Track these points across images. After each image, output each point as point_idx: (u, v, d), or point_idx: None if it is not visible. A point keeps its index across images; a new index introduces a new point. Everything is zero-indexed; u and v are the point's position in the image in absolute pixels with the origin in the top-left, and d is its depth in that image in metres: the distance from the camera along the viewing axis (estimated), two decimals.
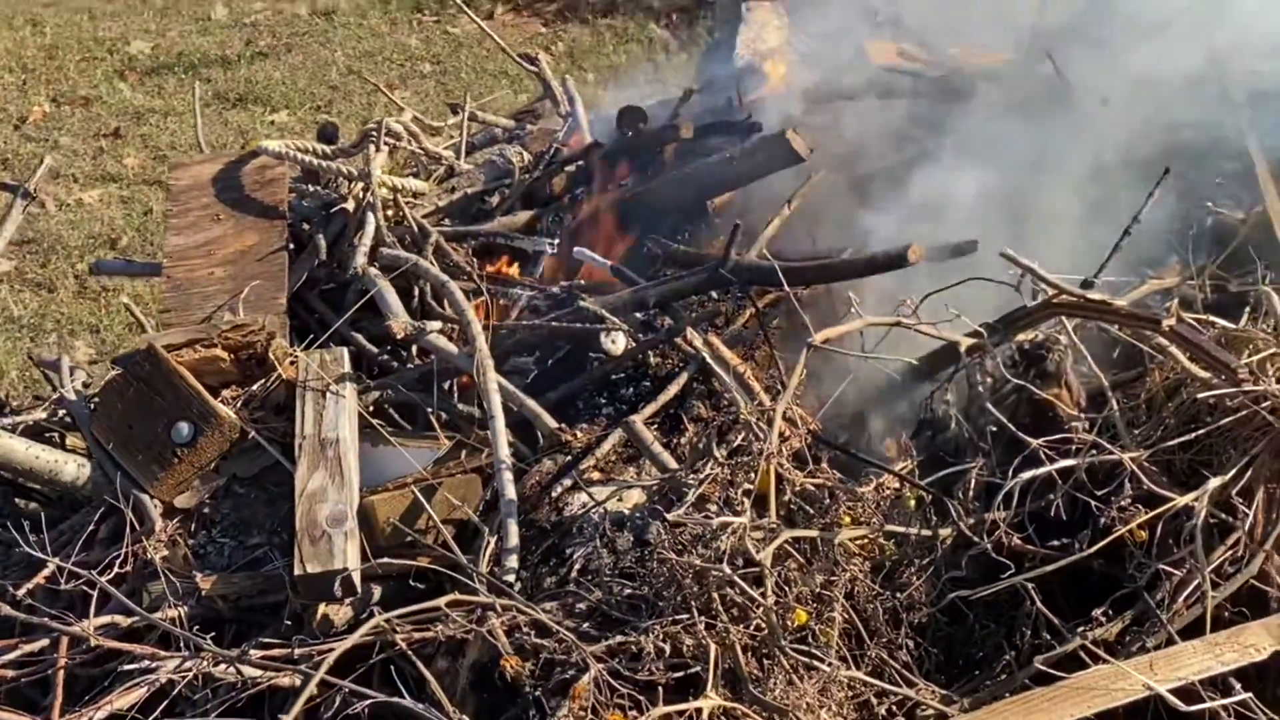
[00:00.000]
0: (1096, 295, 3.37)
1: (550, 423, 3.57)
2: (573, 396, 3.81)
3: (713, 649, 2.73)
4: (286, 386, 3.56)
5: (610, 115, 4.97)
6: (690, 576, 2.84)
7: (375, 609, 3.16)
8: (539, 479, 3.42)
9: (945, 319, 3.35)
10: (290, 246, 4.23)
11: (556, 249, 4.37)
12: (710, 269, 3.90)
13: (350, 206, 4.36)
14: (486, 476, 3.40)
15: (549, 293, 4.12)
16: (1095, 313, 3.35)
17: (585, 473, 3.39)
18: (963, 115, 4.67)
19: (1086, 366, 3.37)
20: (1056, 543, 3.04)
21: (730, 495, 3.10)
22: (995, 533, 3.01)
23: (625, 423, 3.47)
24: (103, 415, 3.52)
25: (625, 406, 3.68)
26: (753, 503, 3.01)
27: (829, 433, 3.45)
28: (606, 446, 3.46)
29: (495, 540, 3.18)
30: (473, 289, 4.06)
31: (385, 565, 3.24)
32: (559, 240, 4.40)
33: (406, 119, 4.87)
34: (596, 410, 3.72)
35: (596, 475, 3.40)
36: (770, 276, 3.75)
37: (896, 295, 3.47)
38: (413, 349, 4.02)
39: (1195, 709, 2.76)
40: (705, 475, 3.14)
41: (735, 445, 3.33)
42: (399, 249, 4.14)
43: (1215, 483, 3.00)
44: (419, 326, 3.77)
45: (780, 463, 3.12)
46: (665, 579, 2.88)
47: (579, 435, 3.52)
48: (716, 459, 3.18)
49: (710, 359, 3.59)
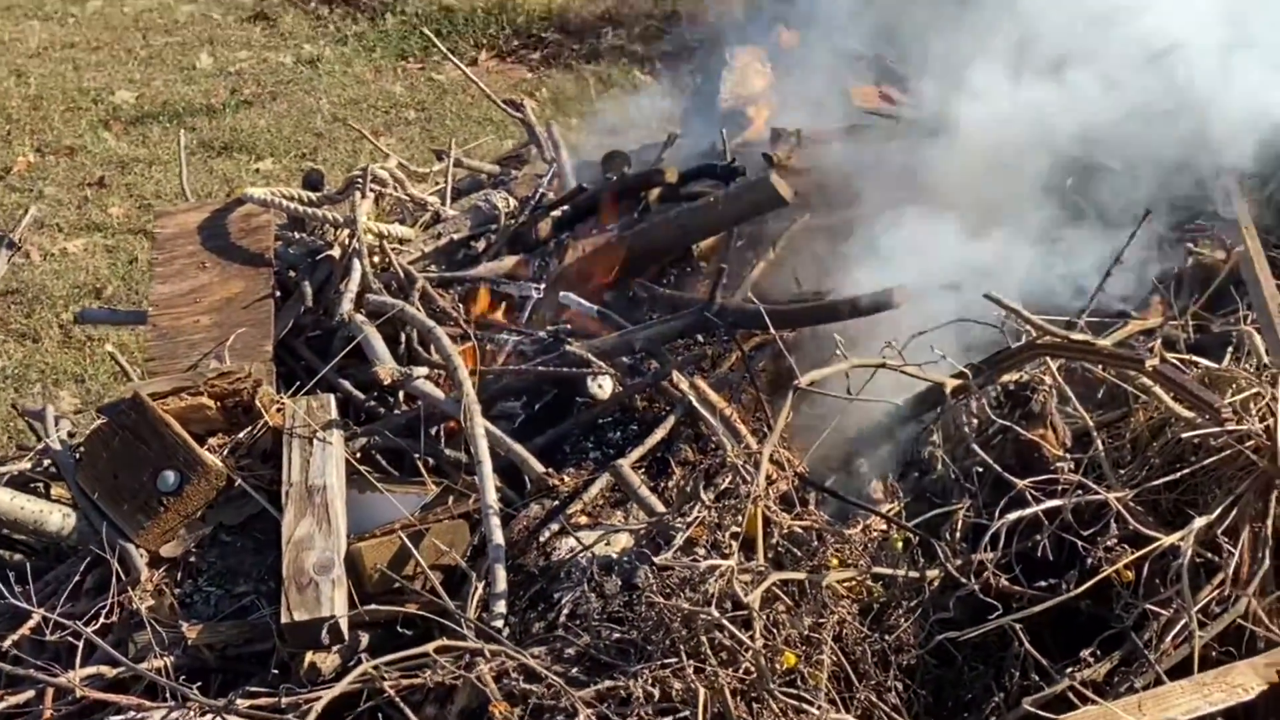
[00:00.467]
0: (1080, 336, 3.38)
1: (537, 467, 3.56)
2: (560, 441, 3.81)
3: (702, 693, 2.73)
4: (273, 434, 3.56)
5: (595, 160, 4.99)
6: (678, 620, 2.83)
7: (363, 656, 3.15)
8: (526, 524, 3.41)
9: (930, 360, 3.36)
10: (276, 293, 4.23)
11: (543, 293, 4.37)
12: (696, 312, 3.91)
13: (336, 253, 4.37)
14: (474, 522, 3.40)
15: (536, 337, 4.13)
16: (1079, 353, 3.36)
17: (573, 517, 3.38)
18: (945, 157, 4.68)
19: (1071, 407, 3.38)
20: (1044, 583, 3.04)
21: (718, 538, 3.09)
22: (983, 574, 3.01)
23: (612, 467, 3.47)
24: (88, 465, 3.51)
25: (612, 450, 3.68)
26: (740, 545, 3.01)
27: (816, 475, 3.45)
28: (594, 491, 3.45)
29: (483, 585, 3.17)
30: (459, 334, 4.06)
31: (373, 612, 3.23)
32: (545, 285, 4.40)
33: (392, 165, 4.89)
34: (584, 454, 3.72)
35: (584, 520, 3.40)
36: (756, 320, 3.76)
37: (883, 337, 3.48)
38: (400, 395, 4.02)
39: None
40: (692, 518, 3.13)
41: (722, 488, 3.32)
42: (385, 295, 4.15)
43: (1200, 522, 3.00)
44: (406, 372, 3.78)
45: (767, 505, 3.13)
46: (653, 623, 2.87)
47: (566, 480, 3.52)
48: (703, 502, 3.18)
49: (697, 402, 3.60)
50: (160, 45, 10.75)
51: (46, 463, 3.97)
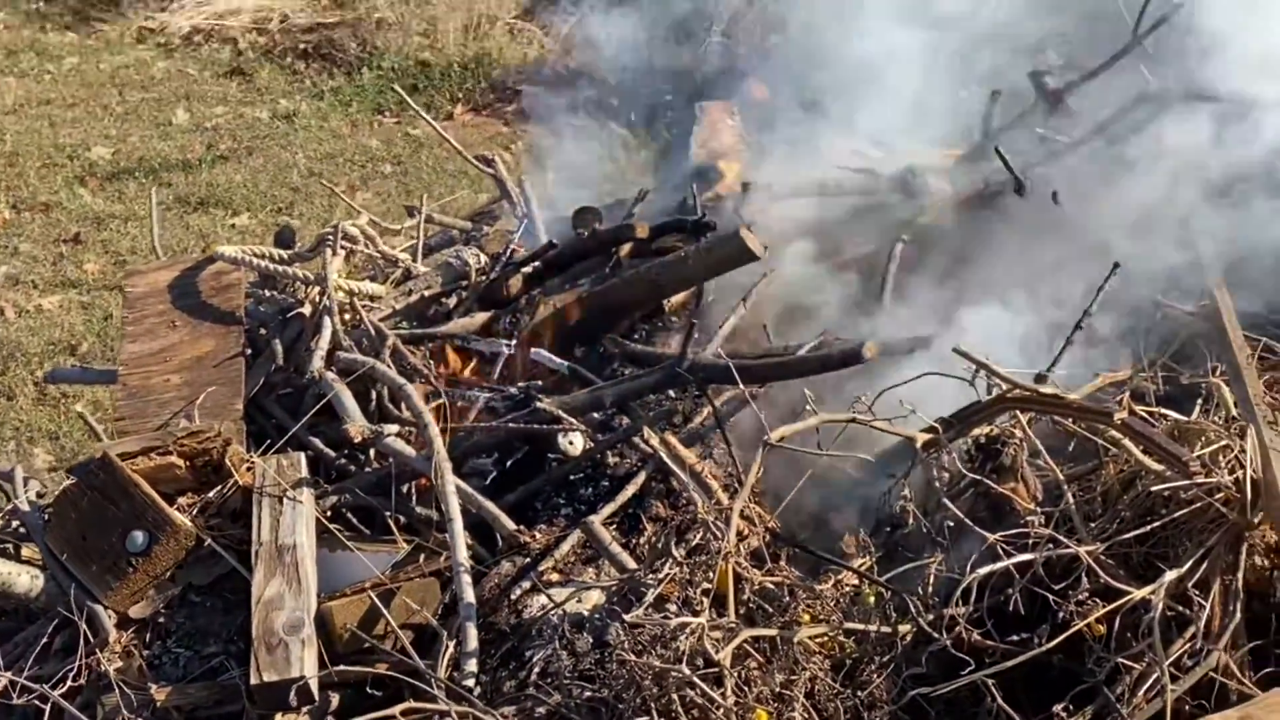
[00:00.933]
0: (1049, 389, 3.39)
1: (509, 525, 3.56)
2: (531, 497, 3.81)
3: None
4: (243, 493, 3.54)
5: (567, 215, 5.00)
6: (650, 678, 2.83)
7: (332, 717, 3.13)
8: (498, 581, 3.40)
9: (901, 415, 3.37)
10: (247, 351, 4.23)
11: (514, 350, 4.37)
12: (667, 368, 3.92)
13: (307, 310, 4.37)
14: (445, 580, 3.38)
15: (507, 394, 4.12)
16: (1048, 407, 3.37)
17: (544, 574, 3.38)
18: (916, 212, 4.72)
19: (1042, 460, 3.39)
20: (1016, 638, 3.04)
21: (689, 595, 3.09)
22: (955, 629, 3.01)
23: (584, 523, 3.46)
24: (57, 525, 3.48)
25: (584, 507, 3.68)
26: (712, 602, 3.01)
27: (787, 530, 3.45)
28: (565, 548, 3.45)
29: (454, 644, 3.16)
30: (430, 391, 4.05)
31: (343, 673, 3.20)
32: (516, 342, 4.40)
33: (363, 222, 4.89)
34: (555, 511, 3.71)
35: (555, 577, 3.39)
36: (726, 375, 3.76)
37: (853, 391, 3.49)
38: (371, 452, 4.01)
39: None
40: (664, 575, 3.13)
41: (694, 544, 3.32)
42: (356, 352, 4.15)
43: (1171, 575, 3.01)
44: (376, 430, 3.77)
45: (738, 561, 3.13)
46: (625, 681, 2.87)
47: (537, 537, 3.52)
48: (675, 558, 3.18)
49: (667, 458, 3.60)
50: (136, 101, 10.76)
51: (15, 524, 3.93)
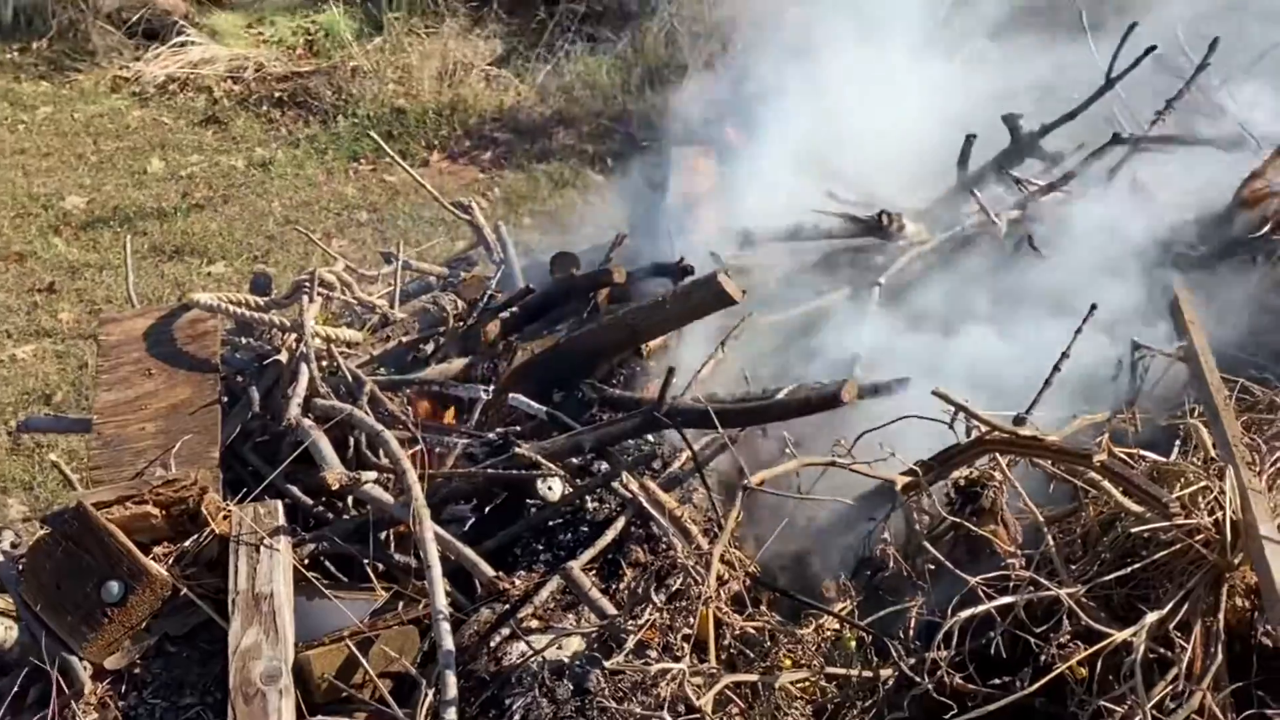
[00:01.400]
0: (1028, 431, 3.39)
1: (488, 571, 3.54)
2: (510, 544, 3.79)
3: None
4: (219, 541, 3.51)
5: (544, 261, 5.01)
6: None
7: None
8: (477, 629, 3.38)
9: (880, 457, 3.36)
10: (224, 399, 4.21)
11: (491, 395, 4.36)
12: (645, 413, 3.91)
13: (284, 357, 4.35)
14: (424, 627, 3.36)
15: (485, 440, 4.11)
16: (1027, 449, 3.37)
17: (524, 621, 3.35)
18: (892, 254, 4.74)
19: (1021, 502, 3.38)
20: (998, 681, 3.04)
21: (670, 640, 3.08)
22: (937, 672, 3.00)
23: (563, 569, 3.44)
24: (31, 576, 3.45)
25: (563, 553, 3.66)
26: (693, 647, 2.99)
27: (768, 574, 3.44)
28: (544, 594, 3.43)
29: (433, 693, 3.12)
30: (408, 438, 4.04)
31: None
32: (494, 387, 4.39)
33: (339, 268, 4.88)
34: (534, 557, 3.70)
35: (535, 623, 3.37)
36: (705, 419, 3.76)
37: (833, 433, 3.49)
38: (349, 500, 3.99)
39: None
40: (644, 621, 3.12)
41: (674, 589, 3.30)
42: (333, 399, 4.13)
43: (1152, 617, 3.00)
44: (354, 477, 3.75)
45: (719, 606, 3.11)
46: None
47: (517, 583, 3.50)
48: (655, 604, 3.16)
49: (647, 503, 3.59)
50: (111, 150, 10.74)
51: None
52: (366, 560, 3.69)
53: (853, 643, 3.21)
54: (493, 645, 3.31)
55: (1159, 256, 4.40)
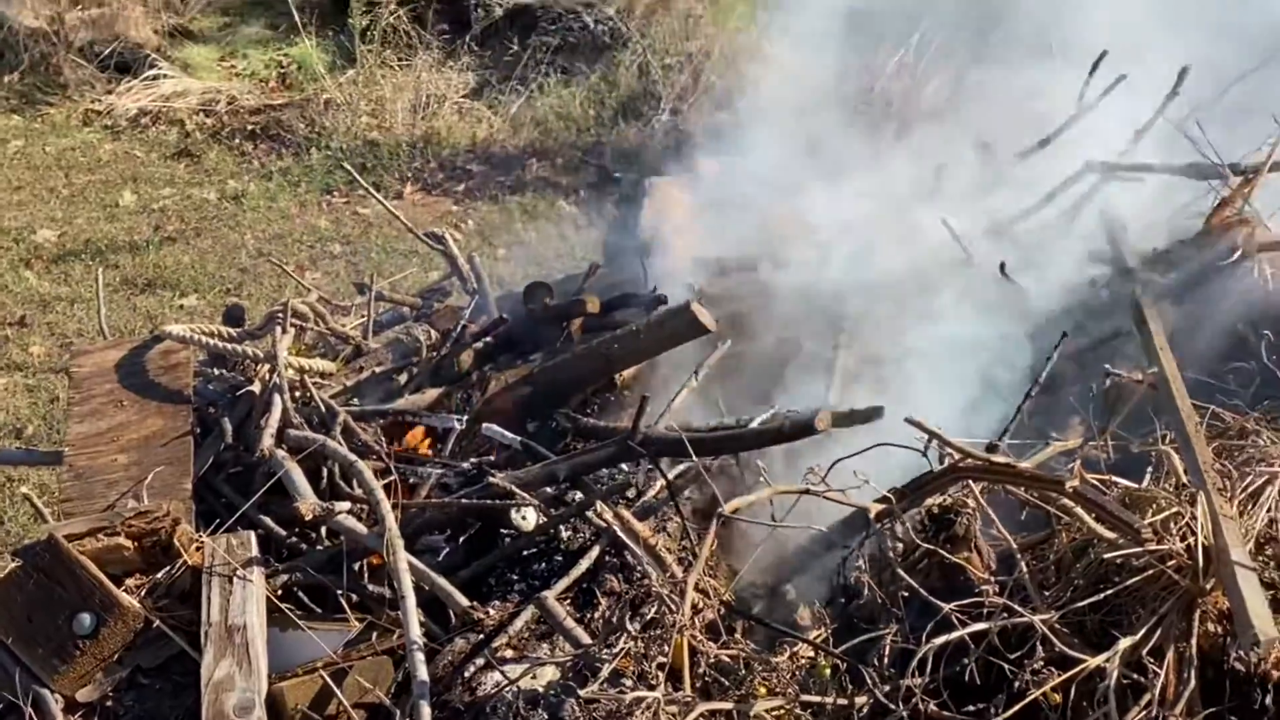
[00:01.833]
0: (1001, 459, 3.40)
1: (462, 601, 3.53)
2: (485, 574, 3.78)
3: None
4: (192, 573, 3.50)
5: (518, 291, 5.01)
6: None
7: None
8: (452, 659, 3.37)
9: (854, 485, 3.37)
10: (196, 430, 4.19)
11: (465, 425, 4.36)
12: (619, 442, 3.90)
13: (257, 388, 4.34)
14: (398, 658, 3.35)
15: (459, 470, 4.11)
16: (1000, 476, 3.38)
17: (498, 651, 3.35)
18: (864, 278, 4.75)
19: (995, 529, 3.39)
20: (972, 708, 3.04)
21: (644, 669, 3.07)
22: (911, 700, 3.00)
23: (537, 599, 3.44)
24: (2, 609, 3.43)
25: (537, 582, 3.66)
26: (667, 676, 2.98)
27: (742, 602, 3.44)
28: (519, 624, 3.42)
29: None
30: (382, 468, 4.03)
31: None
32: (468, 417, 4.39)
33: (313, 300, 4.88)
34: (509, 587, 3.69)
35: (510, 653, 3.36)
36: (679, 448, 3.76)
37: (807, 461, 3.49)
38: (322, 530, 3.98)
39: None
40: (619, 650, 3.11)
41: (649, 618, 3.29)
42: (307, 430, 4.12)
43: (1126, 643, 3.01)
44: (327, 508, 3.74)
45: (694, 634, 3.11)
46: None
47: (491, 613, 3.49)
48: (630, 633, 3.16)
49: (621, 532, 3.59)
50: (83, 183, 10.72)
51: None
52: (340, 591, 3.68)
53: (827, 670, 3.21)
54: (467, 675, 3.30)
55: (1130, 279, 4.43)
